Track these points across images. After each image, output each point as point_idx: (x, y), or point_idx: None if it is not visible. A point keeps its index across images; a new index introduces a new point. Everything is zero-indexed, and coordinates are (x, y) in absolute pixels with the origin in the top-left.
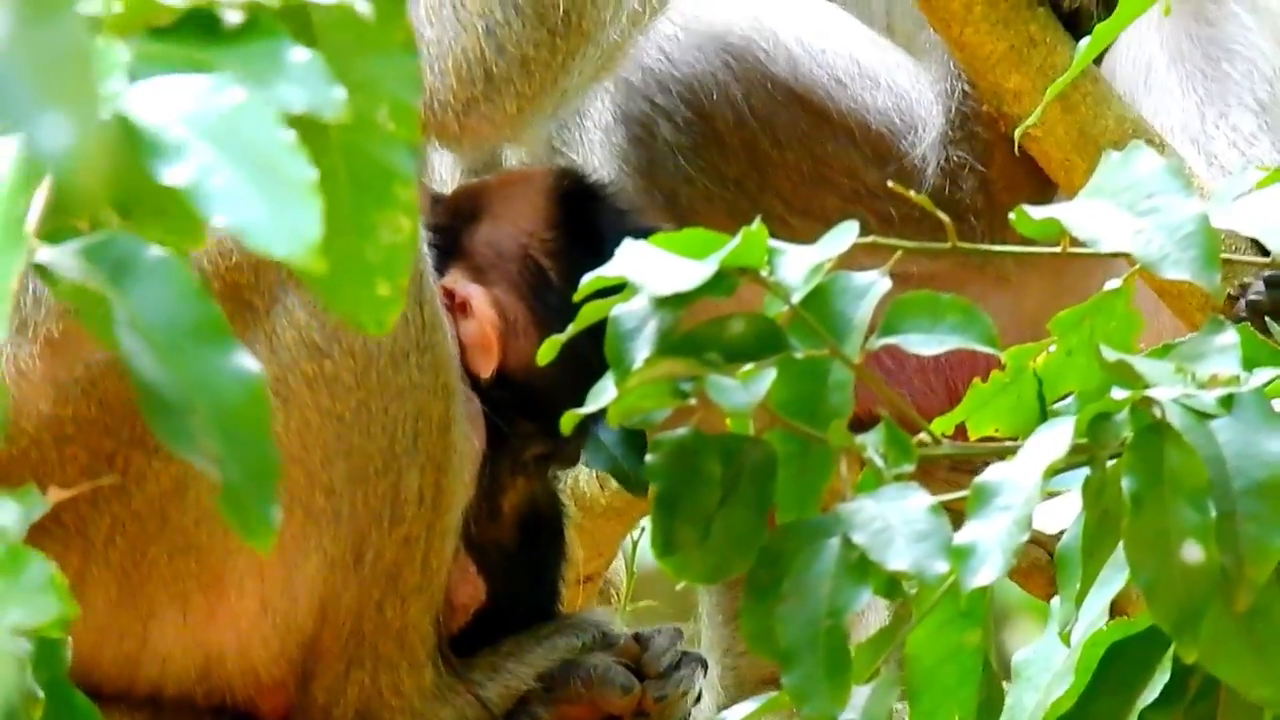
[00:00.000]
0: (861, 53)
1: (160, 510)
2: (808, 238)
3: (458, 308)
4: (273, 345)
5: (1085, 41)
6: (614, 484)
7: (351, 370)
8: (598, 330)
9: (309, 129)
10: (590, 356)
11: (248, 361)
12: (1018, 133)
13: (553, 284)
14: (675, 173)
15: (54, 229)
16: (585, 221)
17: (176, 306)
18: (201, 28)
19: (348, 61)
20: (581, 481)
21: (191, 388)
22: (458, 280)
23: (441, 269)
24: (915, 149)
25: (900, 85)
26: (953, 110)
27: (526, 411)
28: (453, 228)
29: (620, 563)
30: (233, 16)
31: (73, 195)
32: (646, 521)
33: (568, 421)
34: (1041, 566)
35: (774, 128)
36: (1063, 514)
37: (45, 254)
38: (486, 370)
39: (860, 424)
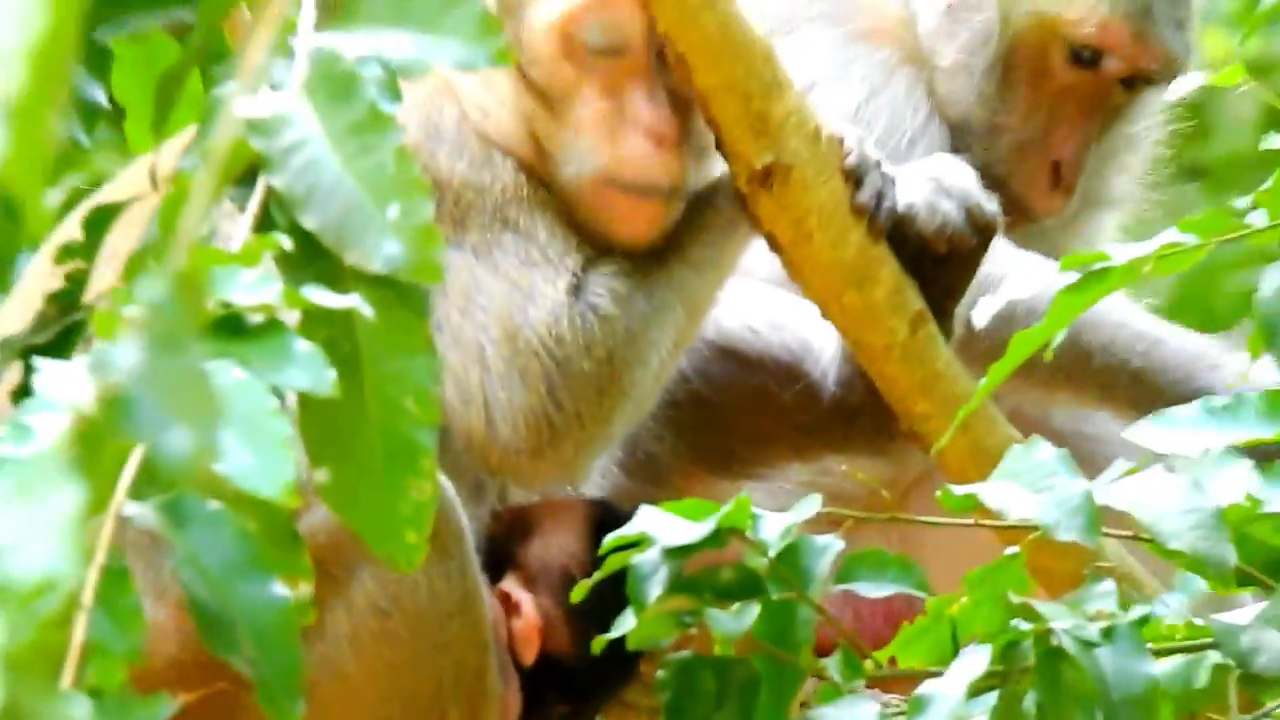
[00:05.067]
0: (769, 304)
1: None
2: (755, 462)
3: (512, 608)
4: (348, 606)
5: (983, 381)
6: None
7: (408, 628)
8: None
9: (350, 414)
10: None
11: (280, 590)
12: (933, 451)
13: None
14: (648, 435)
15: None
16: None
17: (226, 547)
18: (230, 327)
19: (383, 360)
20: None
21: (235, 609)
22: (512, 587)
23: (499, 573)
24: (816, 368)
25: (800, 323)
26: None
27: (555, 684)
28: (509, 539)
29: None
30: (254, 318)
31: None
32: None
33: (598, 644)
34: None
35: (710, 379)
36: None
37: (131, 509)
38: (529, 659)
39: (819, 652)
